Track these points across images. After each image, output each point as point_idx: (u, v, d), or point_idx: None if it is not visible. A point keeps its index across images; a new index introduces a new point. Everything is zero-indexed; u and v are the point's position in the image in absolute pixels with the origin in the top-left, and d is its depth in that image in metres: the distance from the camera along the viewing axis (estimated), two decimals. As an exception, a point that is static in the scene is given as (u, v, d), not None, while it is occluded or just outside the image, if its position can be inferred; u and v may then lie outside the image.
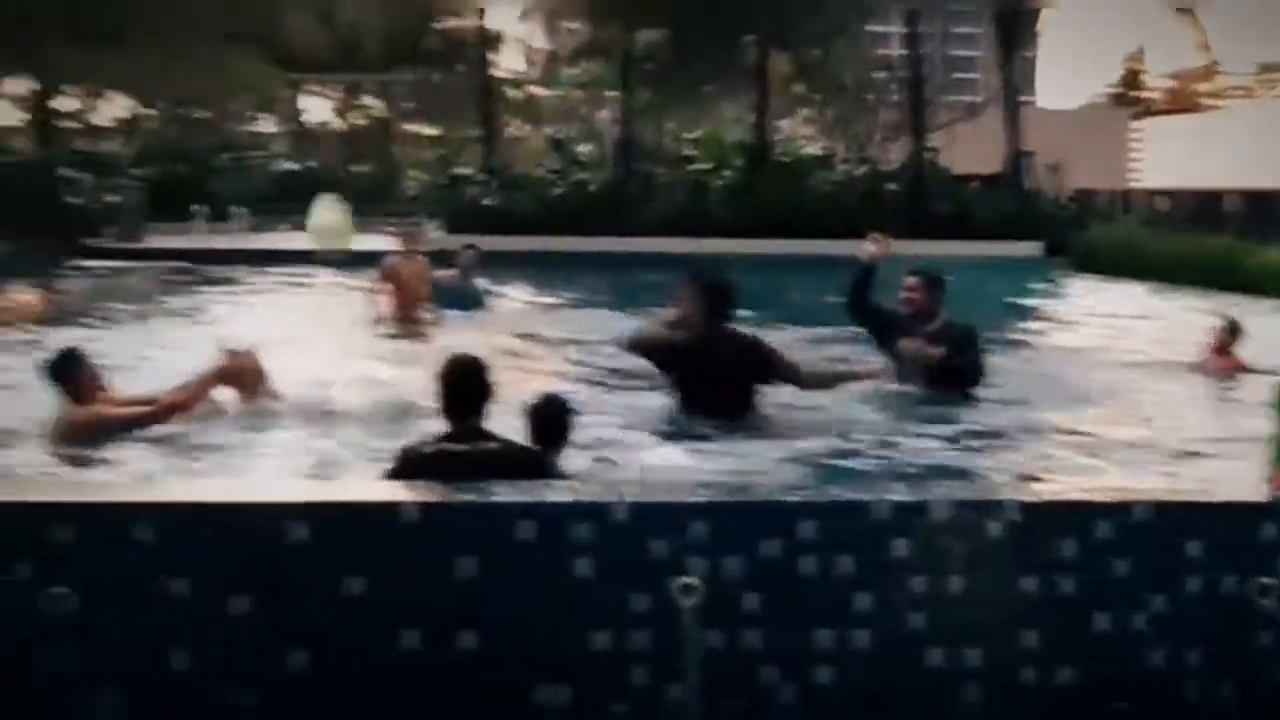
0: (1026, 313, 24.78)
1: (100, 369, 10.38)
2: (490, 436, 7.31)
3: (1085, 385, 14.00)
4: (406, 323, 18.03)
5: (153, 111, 64.09)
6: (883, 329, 12.21)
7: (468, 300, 19.68)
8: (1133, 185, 53.09)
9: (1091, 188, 44.96)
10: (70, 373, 10.00)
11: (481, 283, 20.75)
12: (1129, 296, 27.03)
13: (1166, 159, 57.90)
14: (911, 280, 12.13)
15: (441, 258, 22.40)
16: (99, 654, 6.01)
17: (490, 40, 51.48)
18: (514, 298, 23.38)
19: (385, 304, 18.39)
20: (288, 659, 6.10)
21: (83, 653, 5.98)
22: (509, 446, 7.27)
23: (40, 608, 5.87)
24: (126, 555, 6.02)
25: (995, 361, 12.87)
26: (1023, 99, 65.70)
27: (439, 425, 7.58)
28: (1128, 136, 66.19)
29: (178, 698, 6.07)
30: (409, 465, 7.14)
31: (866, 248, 12.38)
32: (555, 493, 6.53)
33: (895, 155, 45.81)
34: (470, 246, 20.97)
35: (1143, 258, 30.40)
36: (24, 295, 20.23)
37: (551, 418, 8.15)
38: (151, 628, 6.06)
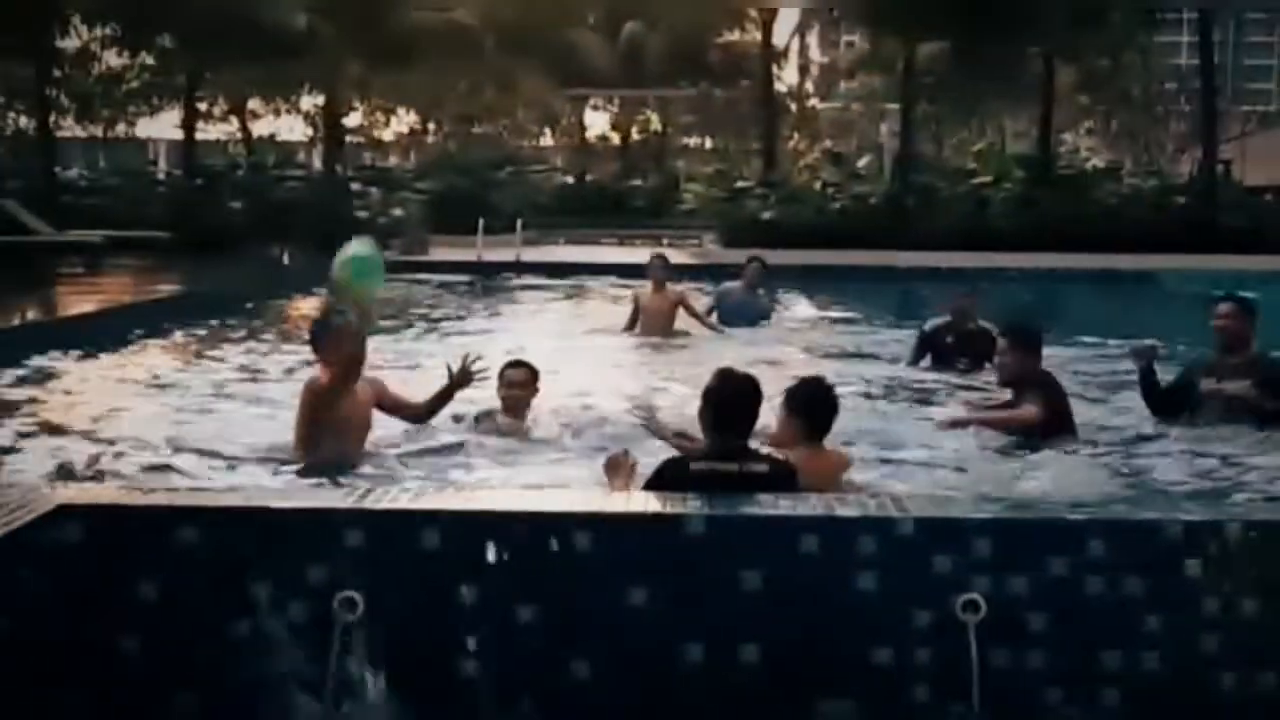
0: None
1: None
2: (756, 456, 7.23)
3: None
4: (650, 343, 18.25)
5: (436, 127, 65.36)
6: (1181, 398, 11.51)
7: (752, 313, 19.68)
8: None
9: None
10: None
11: (766, 297, 20.72)
12: None
13: None
14: (1224, 308, 11.11)
15: (718, 271, 22.56)
16: (387, 655, 6.15)
17: (772, 54, 51.55)
18: (797, 312, 23.29)
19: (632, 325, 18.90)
20: (570, 668, 6.16)
21: (371, 654, 6.12)
22: (776, 467, 7.18)
23: (335, 609, 6.02)
24: (415, 561, 6.15)
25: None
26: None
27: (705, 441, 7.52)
28: None
29: (463, 703, 6.16)
30: (673, 482, 7.08)
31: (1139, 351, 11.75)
32: (840, 506, 6.51)
33: (1185, 168, 44.88)
34: (755, 259, 20.88)
35: None
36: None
37: (816, 400, 8.17)
38: (438, 633, 6.17)
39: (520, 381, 10.88)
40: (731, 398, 7.37)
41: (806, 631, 6.16)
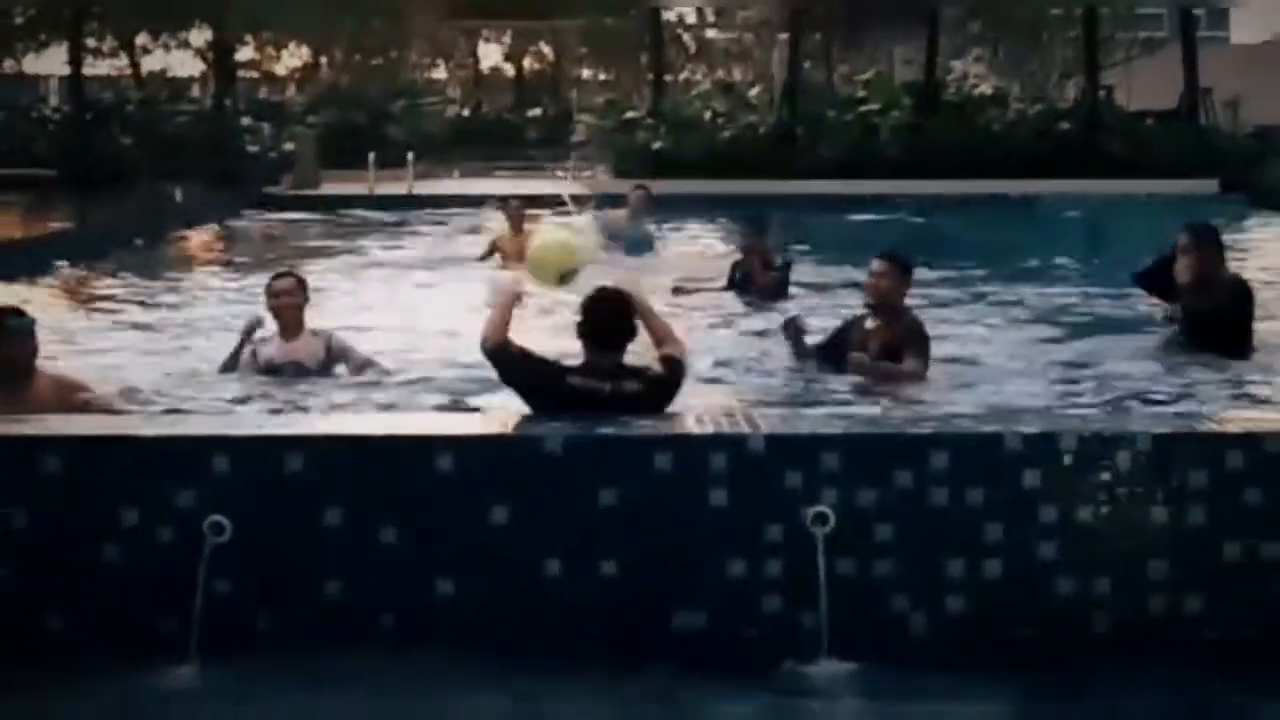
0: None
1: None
2: (631, 373, 7.39)
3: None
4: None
5: (329, 61, 64.91)
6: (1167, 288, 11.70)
7: (637, 244, 19.71)
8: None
9: (1274, 124, 44.03)
10: None
11: (652, 226, 20.78)
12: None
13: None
14: (1183, 240, 11.14)
15: (612, 201, 22.65)
16: (254, 579, 6.32)
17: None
18: (681, 243, 23.41)
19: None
20: (435, 587, 6.36)
21: (239, 577, 6.29)
22: (649, 385, 7.35)
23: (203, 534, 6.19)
24: (280, 486, 6.32)
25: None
26: (1216, 34, 64.15)
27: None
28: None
29: (329, 622, 6.35)
30: (554, 391, 7.22)
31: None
32: (694, 425, 6.71)
33: (1071, 95, 45.31)
34: (640, 187, 20.98)
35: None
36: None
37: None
38: (304, 556, 6.35)
39: (284, 290, 10.46)
40: (607, 314, 7.54)
41: (662, 547, 6.38)
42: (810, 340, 10.86)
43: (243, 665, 6.14)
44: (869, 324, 10.18)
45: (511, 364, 7.42)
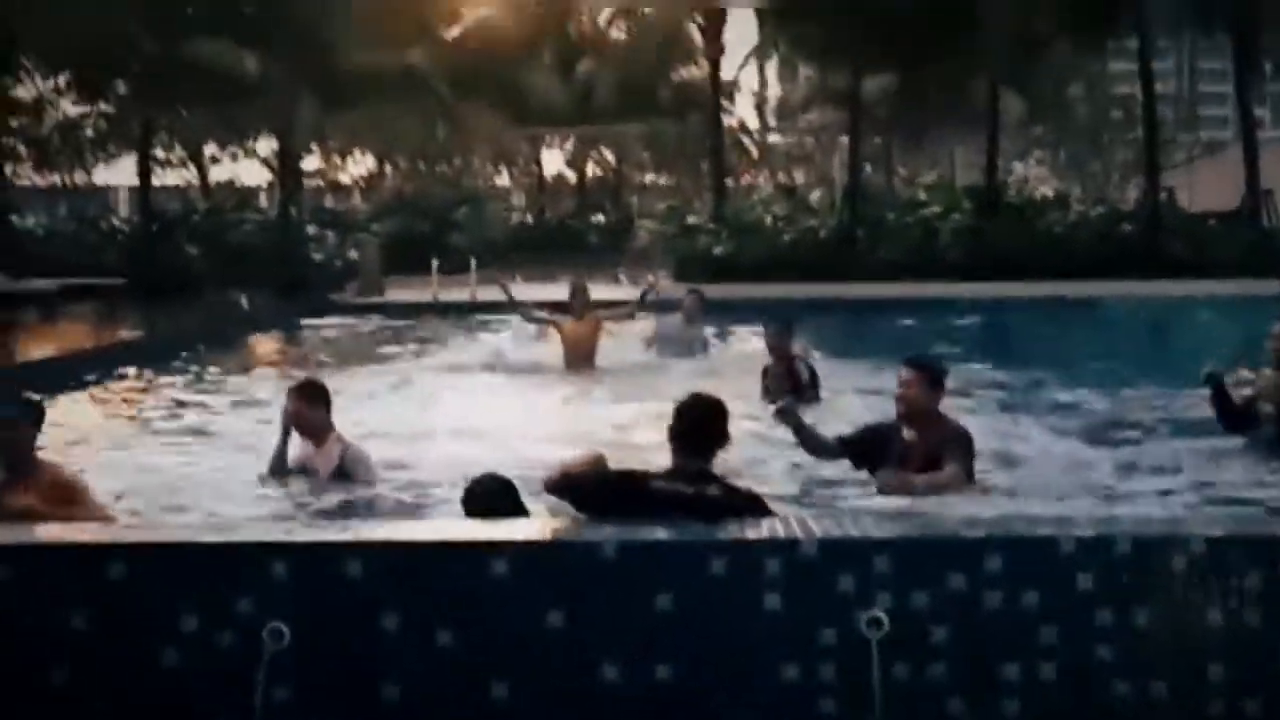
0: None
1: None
2: (715, 480, 7.44)
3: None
4: (574, 372, 18.74)
5: (393, 168, 65.60)
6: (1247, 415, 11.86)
7: (689, 345, 19.86)
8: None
9: (1336, 224, 43.95)
10: None
11: (708, 329, 20.91)
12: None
13: None
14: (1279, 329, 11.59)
15: (672, 307, 22.80)
16: (313, 684, 6.37)
17: (723, 89, 51.90)
18: (741, 344, 23.48)
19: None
20: (491, 690, 6.39)
21: (298, 683, 6.34)
22: (731, 493, 7.40)
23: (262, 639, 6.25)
24: (338, 591, 6.38)
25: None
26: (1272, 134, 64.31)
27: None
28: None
29: (387, 726, 6.40)
30: (635, 495, 7.27)
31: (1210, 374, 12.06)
32: (748, 530, 6.75)
33: (1132, 196, 45.38)
34: (694, 291, 21.15)
35: (1386, 294, 29.63)
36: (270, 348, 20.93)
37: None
38: (362, 660, 6.40)
39: (290, 399, 10.57)
40: (698, 419, 7.59)
41: (717, 651, 6.40)
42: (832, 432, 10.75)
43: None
44: (906, 434, 9.89)
45: (580, 489, 7.45)
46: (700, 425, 7.56)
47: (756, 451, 11.25)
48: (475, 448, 12.23)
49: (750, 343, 24.54)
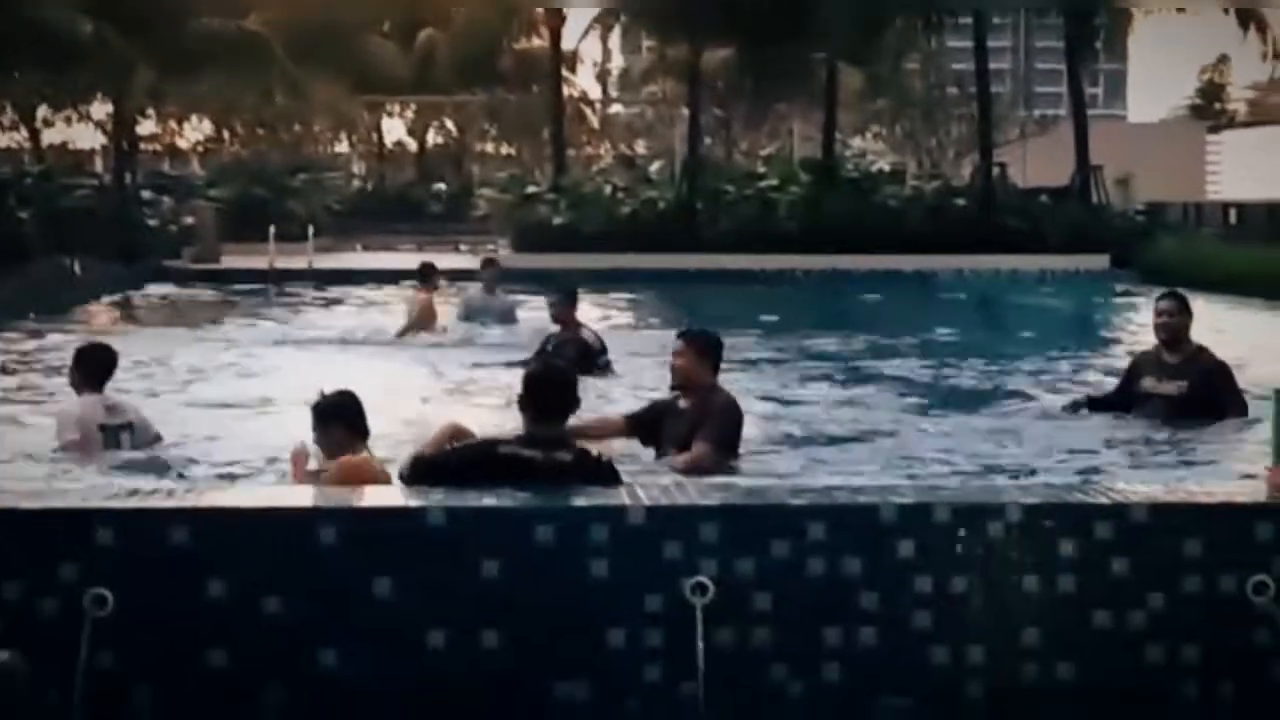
0: (1095, 328, 24.82)
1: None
2: (566, 445, 7.49)
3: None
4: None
5: (231, 134, 64.87)
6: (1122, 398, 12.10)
7: (497, 314, 20.15)
8: (1207, 198, 52.77)
9: (1164, 200, 44.86)
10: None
11: (514, 298, 21.12)
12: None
13: (1244, 171, 57.54)
14: (1165, 304, 11.76)
15: (510, 277, 23.01)
16: (136, 652, 6.34)
17: (564, 60, 51.88)
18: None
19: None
20: (318, 658, 6.40)
21: (121, 651, 6.31)
22: (582, 457, 7.45)
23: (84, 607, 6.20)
24: (164, 558, 6.36)
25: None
26: (1113, 112, 65.14)
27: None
28: (1204, 149, 65.73)
29: (211, 694, 6.38)
30: (483, 461, 7.30)
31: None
32: (576, 496, 6.81)
33: (967, 171, 45.97)
34: (489, 261, 21.69)
35: (1212, 270, 30.33)
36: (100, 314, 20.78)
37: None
38: (188, 628, 6.38)
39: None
40: (546, 385, 7.66)
41: (543, 618, 6.45)
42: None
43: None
44: (682, 404, 9.95)
45: (435, 470, 7.45)
46: (547, 392, 7.64)
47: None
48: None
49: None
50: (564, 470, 7.25)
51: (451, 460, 7.47)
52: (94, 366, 10.69)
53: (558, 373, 7.91)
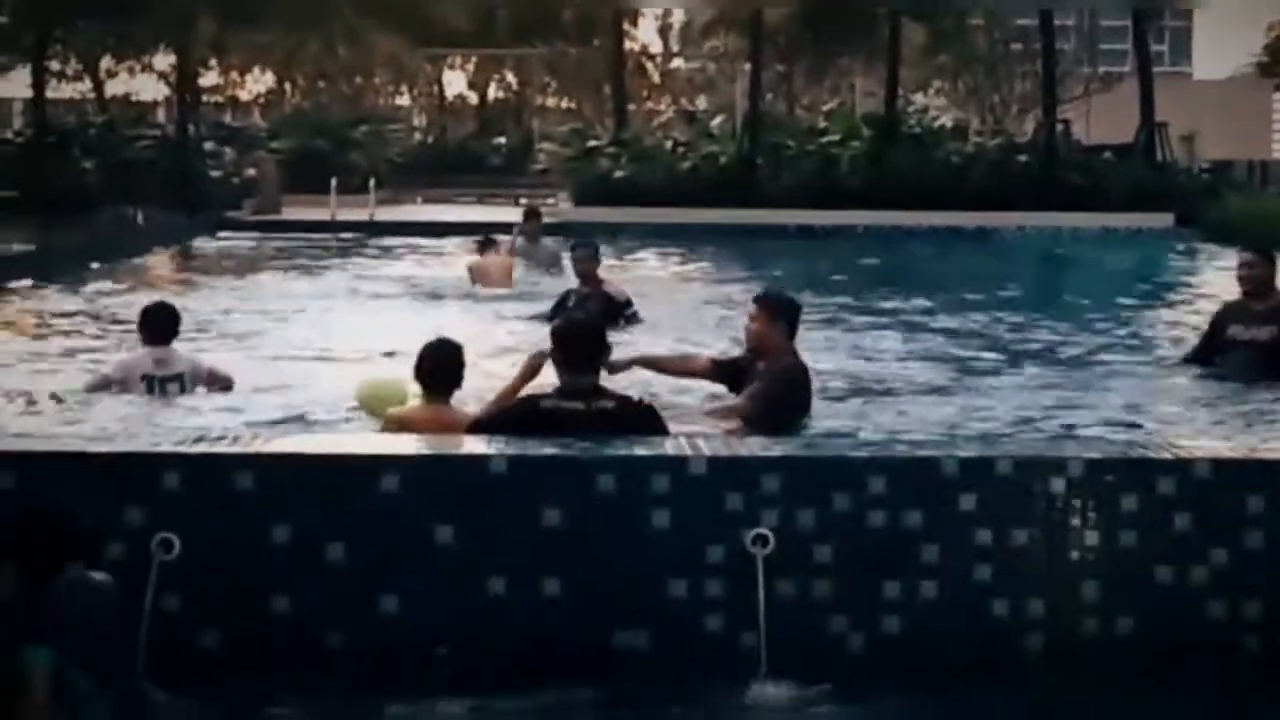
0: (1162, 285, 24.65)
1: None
2: (606, 394, 7.53)
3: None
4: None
5: (293, 86, 64.96)
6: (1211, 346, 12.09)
7: (541, 264, 20.36)
8: (1272, 156, 52.33)
9: (1229, 159, 44.46)
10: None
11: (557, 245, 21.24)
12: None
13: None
14: (1246, 256, 11.85)
15: (573, 229, 23.13)
16: (201, 596, 6.40)
17: (624, 13, 51.69)
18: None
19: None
20: (380, 605, 6.45)
21: (188, 594, 6.37)
22: (623, 405, 7.49)
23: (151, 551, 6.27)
24: (229, 503, 6.41)
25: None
26: (1178, 69, 64.53)
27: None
28: (1271, 107, 65.16)
29: (274, 639, 6.44)
30: (527, 417, 7.34)
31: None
32: (637, 447, 6.82)
33: (1030, 128, 45.60)
34: (533, 211, 21.87)
35: (1275, 228, 30.06)
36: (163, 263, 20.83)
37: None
38: (252, 573, 6.44)
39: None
40: (576, 337, 7.71)
41: (604, 567, 6.49)
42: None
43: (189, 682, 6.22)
44: (759, 365, 9.69)
45: (492, 430, 7.47)
46: (577, 343, 7.67)
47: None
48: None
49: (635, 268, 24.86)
50: (607, 417, 7.28)
51: (496, 420, 7.48)
52: (153, 323, 10.84)
53: (584, 324, 7.94)
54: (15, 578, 5.15)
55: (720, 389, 9.97)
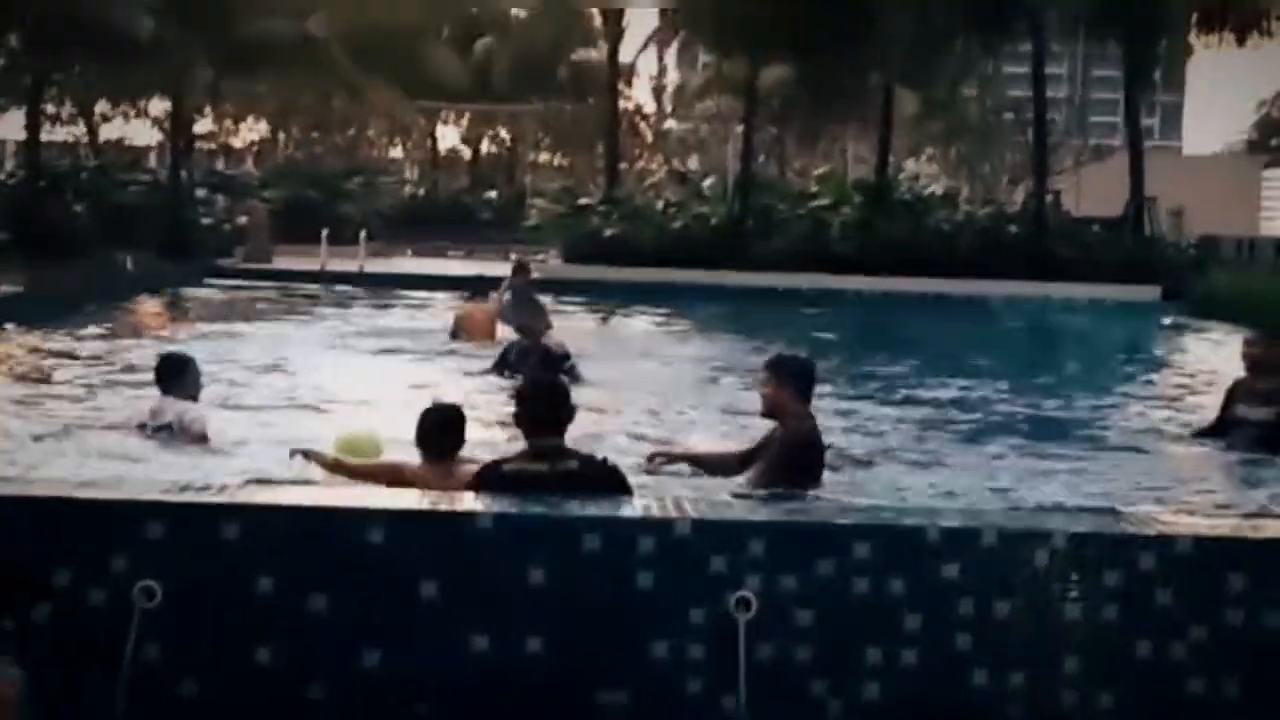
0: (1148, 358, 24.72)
1: None
2: (570, 455, 7.55)
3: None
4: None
5: (286, 136, 65.14)
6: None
7: (531, 317, 20.39)
8: (1260, 233, 52.49)
9: (1217, 234, 44.66)
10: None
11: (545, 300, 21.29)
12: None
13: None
14: (1252, 336, 12.32)
15: (561, 286, 23.15)
16: (183, 645, 6.39)
17: (621, 73, 51.93)
18: (579, 320, 23.79)
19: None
20: (363, 657, 6.45)
21: (168, 644, 6.36)
22: (587, 465, 7.51)
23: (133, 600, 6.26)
24: (214, 553, 6.41)
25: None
26: (1168, 143, 64.88)
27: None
28: (1260, 184, 65.39)
29: (256, 691, 6.43)
30: (491, 482, 7.39)
31: None
32: (623, 507, 6.84)
33: (1020, 198, 45.86)
34: (521, 266, 21.87)
35: (1262, 305, 30.17)
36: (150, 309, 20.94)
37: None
38: (235, 623, 6.44)
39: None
40: (541, 399, 7.72)
41: (588, 626, 6.49)
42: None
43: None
44: (777, 433, 9.63)
45: None
46: (542, 405, 7.68)
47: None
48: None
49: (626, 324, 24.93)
50: (573, 478, 7.29)
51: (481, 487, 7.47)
52: (160, 372, 11.29)
53: (549, 384, 7.94)
54: None
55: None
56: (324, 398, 14.19)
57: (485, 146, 71.39)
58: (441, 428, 8.48)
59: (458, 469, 8.24)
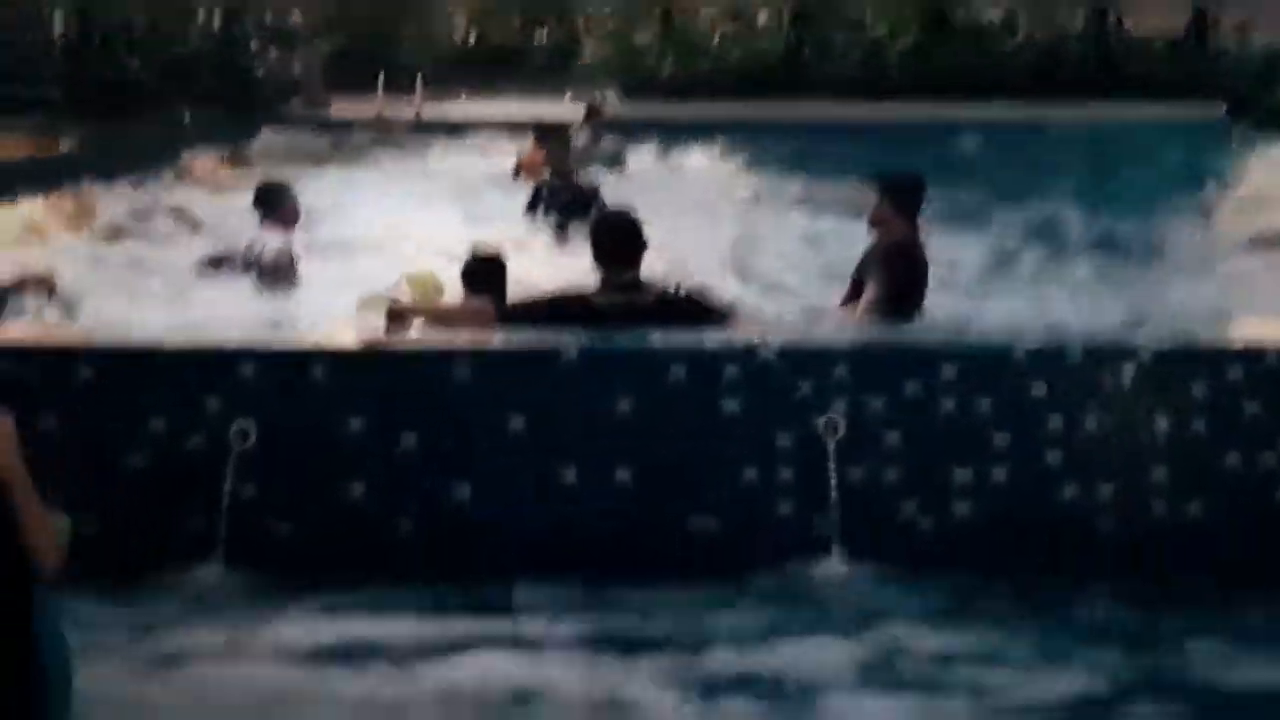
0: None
1: None
2: (645, 287, 7.50)
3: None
4: None
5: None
6: None
7: (609, 161, 20.30)
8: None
9: (1282, 47, 43.92)
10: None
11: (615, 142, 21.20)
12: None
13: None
14: None
15: (618, 126, 23.04)
16: (277, 485, 6.48)
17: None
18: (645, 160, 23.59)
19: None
20: (452, 493, 6.51)
21: (264, 483, 6.44)
22: (662, 297, 7.46)
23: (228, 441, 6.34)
24: (305, 394, 6.47)
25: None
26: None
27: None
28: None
29: (348, 527, 6.52)
30: (568, 314, 7.33)
31: None
32: (706, 336, 6.85)
33: (1081, 19, 45.11)
34: (593, 109, 21.68)
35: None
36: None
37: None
38: (327, 462, 6.50)
39: None
40: (615, 232, 7.65)
41: (676, 454, 6.53)
42: None
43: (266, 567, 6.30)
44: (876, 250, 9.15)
45: (533, 319, 7.43)
46: (615, 237, 7.61)
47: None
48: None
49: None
50: (647, 313, 7.24)
51: (548, 311, 7.43)
52: (258, 200, 11.17)
53: (622, 219, 7.84)
54: None
55: None
56: (389, 238, 14.14)
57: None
58: (490, 270, 8.36)
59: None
